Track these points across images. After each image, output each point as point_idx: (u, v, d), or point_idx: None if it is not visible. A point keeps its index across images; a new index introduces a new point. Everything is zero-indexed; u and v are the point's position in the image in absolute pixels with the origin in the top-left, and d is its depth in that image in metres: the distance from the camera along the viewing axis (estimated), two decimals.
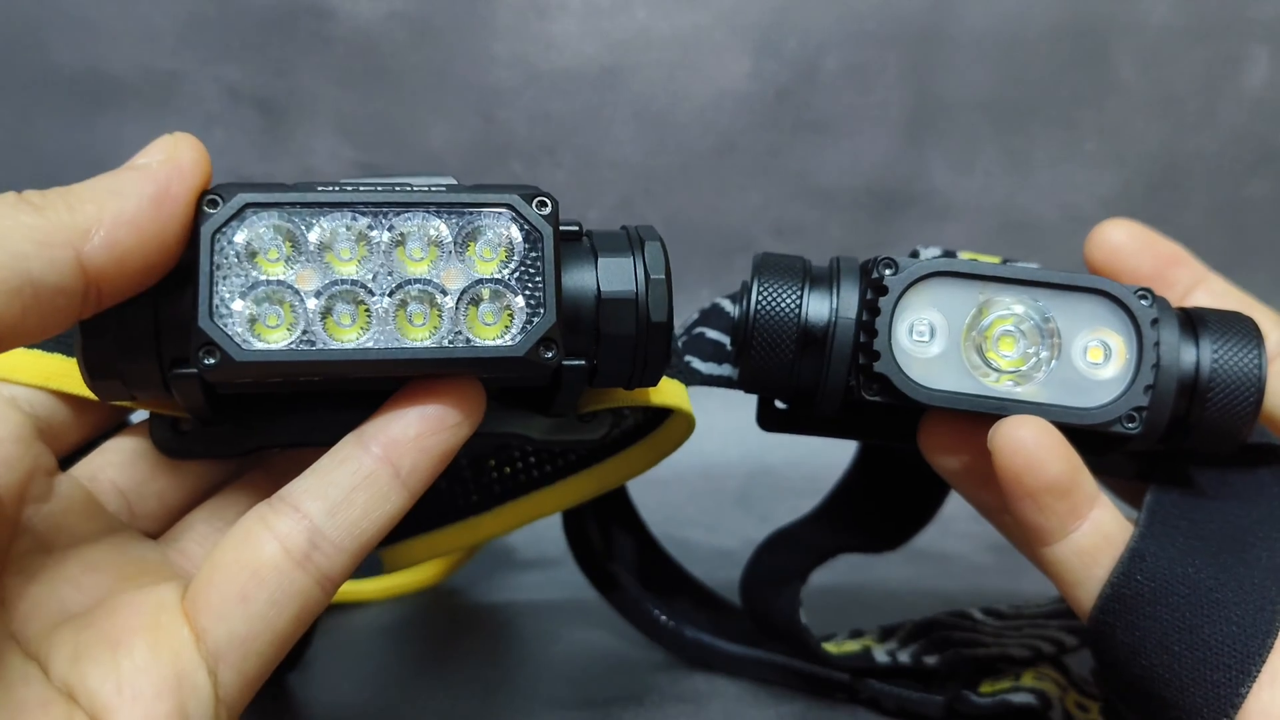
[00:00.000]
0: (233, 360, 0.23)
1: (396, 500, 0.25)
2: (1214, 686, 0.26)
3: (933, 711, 0.38)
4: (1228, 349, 0.29)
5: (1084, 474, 0.27)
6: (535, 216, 0.25)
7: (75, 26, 0.69)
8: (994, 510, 0.30)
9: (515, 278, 0.24)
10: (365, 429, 0.25)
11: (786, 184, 0.75)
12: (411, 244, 0.24)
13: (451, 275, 0.24)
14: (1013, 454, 0.27)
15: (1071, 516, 0.27)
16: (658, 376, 0.28)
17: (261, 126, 0.71)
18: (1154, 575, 0.27)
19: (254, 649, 0.24)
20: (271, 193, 0.24)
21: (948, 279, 0.28)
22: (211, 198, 0.23)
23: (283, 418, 0.27)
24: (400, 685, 0.40)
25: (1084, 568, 0.28)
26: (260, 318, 0.23)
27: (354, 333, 0.24)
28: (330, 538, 0.24)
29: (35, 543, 0.25)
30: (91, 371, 0.24)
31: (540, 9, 0.72)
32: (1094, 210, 0.76)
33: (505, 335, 0.24)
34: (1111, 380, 0.28)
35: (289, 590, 0.24)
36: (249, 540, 0.24)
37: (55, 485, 0.26)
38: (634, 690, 0.40)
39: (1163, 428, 0.29)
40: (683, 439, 0.34)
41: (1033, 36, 0.74)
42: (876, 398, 0.28)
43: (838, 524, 0.41)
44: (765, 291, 0.30)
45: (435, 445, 0.25)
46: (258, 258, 0.23)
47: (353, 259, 0.24)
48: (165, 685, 0.23)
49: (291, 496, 0.25)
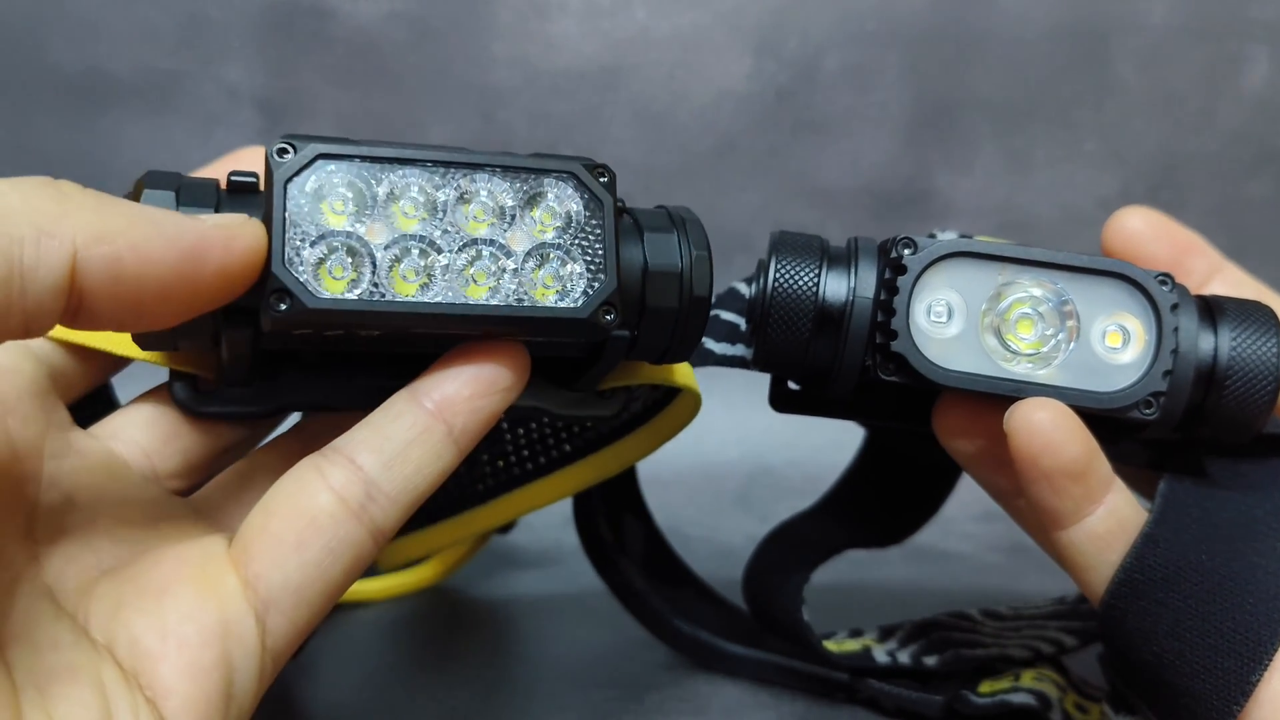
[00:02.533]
0: (304, 306, 0.22)
1: (448, 457, 0.25)
2: (1225, 673, 0.26)
3: (932, 711, 0.38)
4: (1246, 338, 0.29)
5: (1100, 458, 0.27)
6: (597, 186, 0.25)
7: (75, 26, 0.69)
8: (1007, 495, 0.30)
9: (575, 244, 0.25)
10: (419, 385, 0.25)
11: (786, 184, 0.75)
12: (476, 204, 0.24)
13: (514, 237, 0.25)
14: (1029, 436, 0.27)
15: (1087, 500, 0.27)
16: (690, 352, 0.28)
17: (261, 126, 0.71)
18: (1167, 561, 0.27)
19: (306, 597, 0.24)
20: (343, 145, 0.24)
21: (967, 260, 0.28)
22: (283, 146, 0.23)
23: (306, 379, 0.27)
24: (400, 684, 0.40)
25: (1097, 552, 0.28)
26: (329, 267, 0.23)
27: (416, 288, 0.24)
28: (385, 490, 0.24)
29: (62, 498, 0.25)
30: None
31: (540, 9, 0.72)
32: (1094, 210, 0.76)
33: (565, 299, 0.24)
34: (1129, 365, 0.28)
35: (345, 539, 0.24)
36: (305, 489, 0.24)
37: (73, 441, 0.26)
38: (634, 690, 0.40)
39: (1178, 415, 0.29)
40: (687, 421, 0.34)
41: (1033, 36, 0.74)
42: (893, 377, 0.28)
43: (841, 517, 0.41)
44: (783, 269, 0.30)
45: (486, 406, 0.25)
46: (325, 206, 0.23)
47: (418, 215, 0.24)
48: (211, 632, 0.23)
49: (347, 448, 0.24)
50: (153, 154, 0.70)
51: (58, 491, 0.25)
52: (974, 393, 0.28)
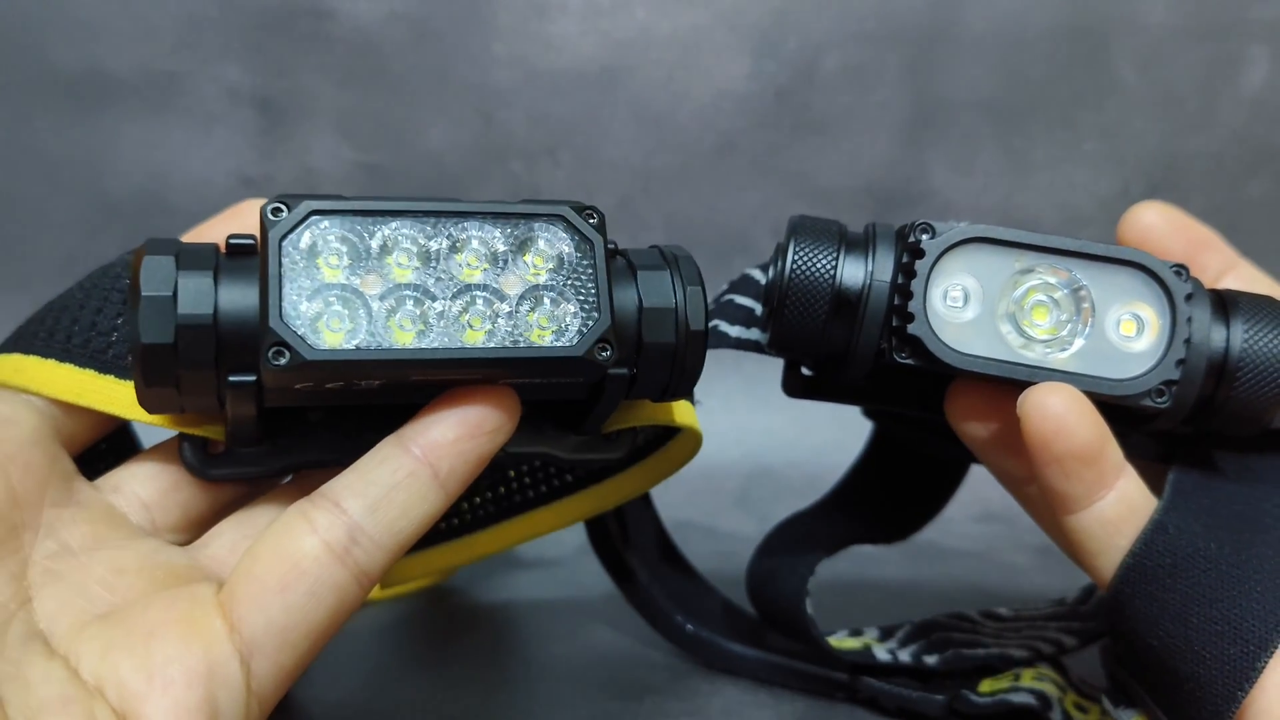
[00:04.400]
0: (303, 358, 0.23)
1: (434, 501, 0.25)
2: (1231, 660, 0.26)
3: (932, 711, 0.38)
4: (1258, 332, 0.29)
5: (1112, 443, 0.27)
6: (586, 227, 0.26)
7: (75, 26, 0.69)
8: (1017, 481, 0.30)
9: (568, 285, 0.25)
10: (405, 431, 0.25)
11: (786, 184, 0.75)
12: (468, 252, 0.25)
13: (508, 282, 0.25)
14: (1042, 420, 0.27)
15: (1098, 485, 0.27)
16: (691, 387, 0.28)
17: (261, 126, 0.71)
18: (1176, 548, 0.27)
19: (290, 640, 0.24)
20: (335, 201, 0.24)
21: (984, 245, 0.28)
22: (276, 205, 0.24)
23: (313, 438, 0.27)
24: (400, 685, 0.40)
25: (1107, 537, 0.28)
26: (326, 320, 0.24)
27: (413, 336, 0.24)
28: (370, 534, 0.24)
29: (59, 546, 0.25)
30: (148, 378, 0.24)
31: (540, 9, 0.72)
32: (1094, 210, 0.76)
33: (561, 339, 0.25)
34: (1143, 353, 0.28)
35: (327, 583, 0.24)
36: (289, 533, 0.24)
37: (75, 491, 0.27)
38: (634, 690, 0.40)
39: (1189, 406, 0.29)
40: (687, 459, 0.35)
41: (1033, 36, 0.74)
42: (908, 361, 0.28)
43: (847, 512, 0.41)
44: (801, 253, 0.30)
45: (473, 449, 0.25)
46: (320, 262, 0.24)
47: (411, 265, 0.25)
48: (196, 674, 0.23)
49: (332, 493, 0.25)
50: (153, 154, 0.70)
51: (55, 539, 0.25)
52: (988, 377, 0.28)
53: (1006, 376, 0.28)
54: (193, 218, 0.31)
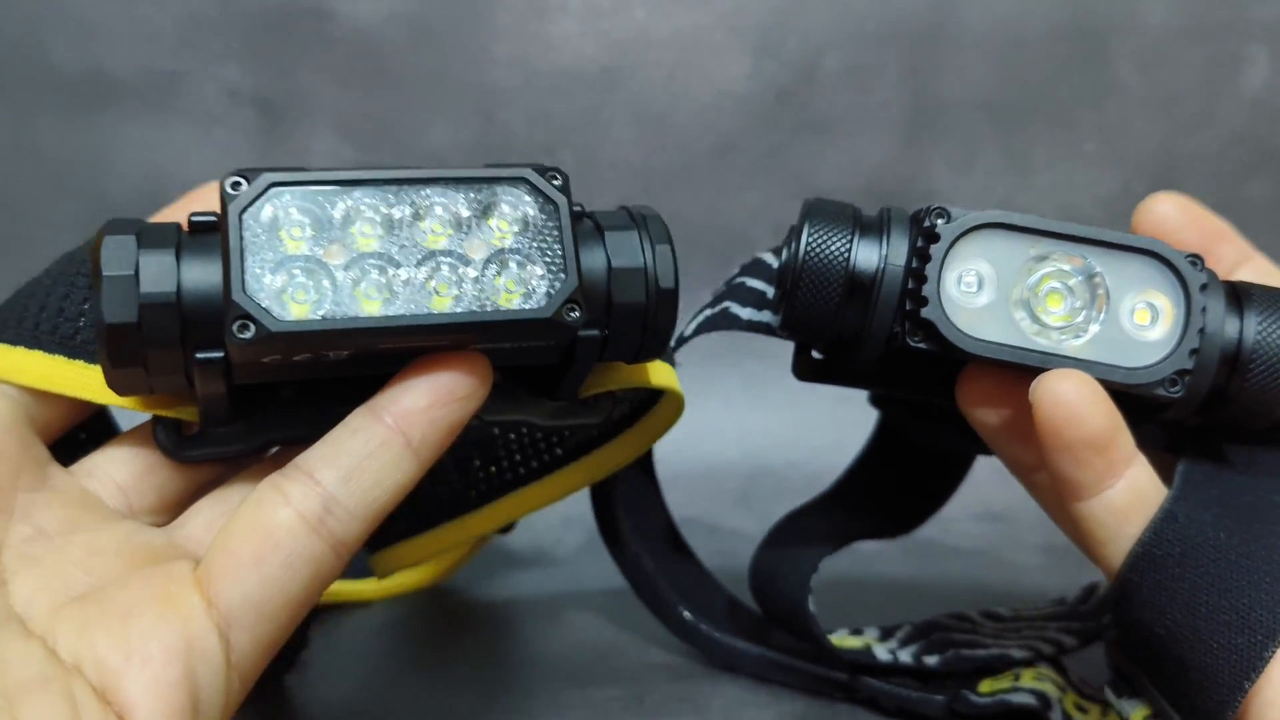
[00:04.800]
0: (268, 330, 0.23)
1: (408, 469, 0.25)
2: (1238, 649, 0.26)
3: (932, 711, 0.38)
4: (1272, 324, 0.29)
5: (1124, 431, 0.27)
6: (549, 188, 0.26)
7: (75, 26, 0.69)
8: (1027, 468, 0.30)
9: (534, 247, 0.25)
10: (377, 400, 0.25)
11: (786, 184, 0.75)
12: (431, 218, 0.25)
13: (473, 246, 0.25)
14: (1054, 406, 0.27)
15: (1109, 472, 0.27)
16: (664, 347, 0.28)
17: (261, 126, 0.71)
18: (1185, 537, 0.27)
19: (267, 612, 0.24)
20: (295, 172, 0.24)
21: (999, 231, 0.28)
22: (235, 179, 0.24)
23: (286, 415, 0.27)
24: (399, 685, 0.40)
25: (1116, 525, 0.28)
26: (290, 291, 0.23)
27: (379, 304, 0.24)
28: (344, 504, 0.25)
29: (34, 530, 0.25)
30: (114, 359, 0.24)
31: (540, 9, 0.72)
32: (1094, 210, 0.76)
33: (528, 301, 0.25)
34: (1157, 342, 0.28)
35: (303, 554, 0.24)
36: (263, 506, 0.24)
37: (50, 477, 0.27)
38: (634, 690, 0.40)
39: (1201, 396, 0.29)
40: (672, 421, 0.35)
41: (1033, 36, 0.74)
42: (921, 345, 0.28)
43: (850, 506, 0.41)
44: (815, 235, 0.30)
45: (445, 416, 0.25)
46: (283, 234, 0.24)
47: (375, 234, 0.24)
48: (175, 649, 0.23)
49: (305, 464, 0.25)
50: (153, 154, 0.70)
51: (29, 524, 0.25)
52: (1000, 363, 0.28)
53: (1019, 363, 0.28)
54: None
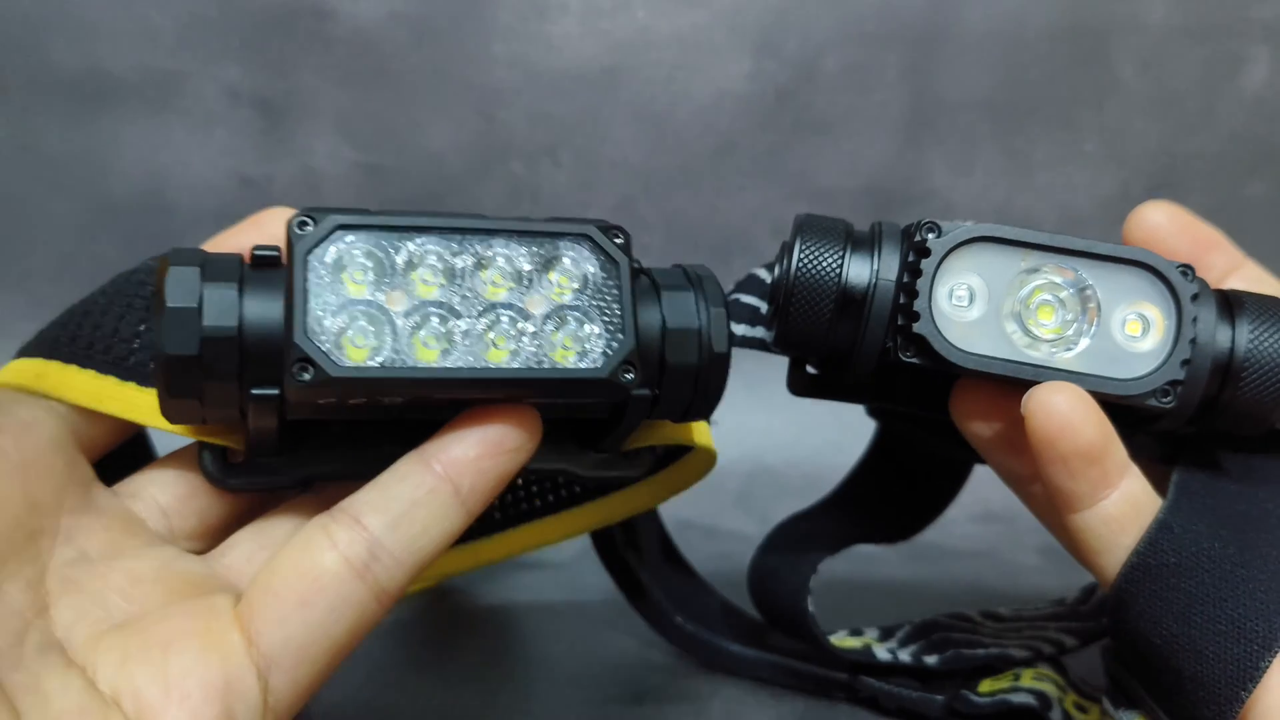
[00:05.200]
0: (327, 375, 0.23)
1: (455, 518, 0.25)
2: (1234, 660, 0.26)
3: (932, 711, 0.38)
4: (1264, 332, 0.29)
5: (1116, 442, 0.27)
6: (612, 247, 0.26)
7: (75, 26, 0.69)
8: (1021, 480, 0.30)
9: (592, 305, 0.25)
10: (427, 448, 0.25)
11: (786, 184, 0.75)
12: (493, 269, 0.25)
13: (533, 301, 0.25)
14: (1047, 418, 0.27)
15: (1102, 484, 0.27)
16: (712, 408, 0.28)
17: (261, 127, 0.71)
18: (1180, 547, 0.27)
19: (309, 656, 0.24)
20: (361, 215, 0.24)
21: (990, 245, 0.28)
22: (303, 219, 0.24)
23: (333, 450, 0.27)
24: (400, 685, 0.40)
25: (1111, 535, 0.28)
26: (351, 336, 0.23)
27: (437, 354, 0.24)
28: (390, 550, 0.24)
29: (77, 553, 0.25)
30: (171, 389, 0.24)
31: (540, 9, 0.72)
32: (1094, 211, 0.76)
33: (585, 360, 0.25)
34: (1148, 353, 0.28)
35: (348, 600, 0.24)
36: (310, 548, 0.24)
37: (94, 497, 0.26)
38: (634, 690, 0.40)
39: (1194, 406, 0.29)
40: (699, 476, 0.35)
41: (1033, 36, 0.74)
42: (913, 359, 0.28)
43: (850, 512, 0.41)
44: (807, 251, 0.30)
45: (494, 468, 0.25)
46: (345, 277, 0.24)
47: (436, 282, 0.24)
48: (213, 688, 0.23)
49: (353, 508, 0.25)
50: (153, 154, 0.70)
51: (73, 546, 0.25)
52: (993, 376, 0.28)
53: (1012, 376, 0.28)
54: (193, 218, 0.31)
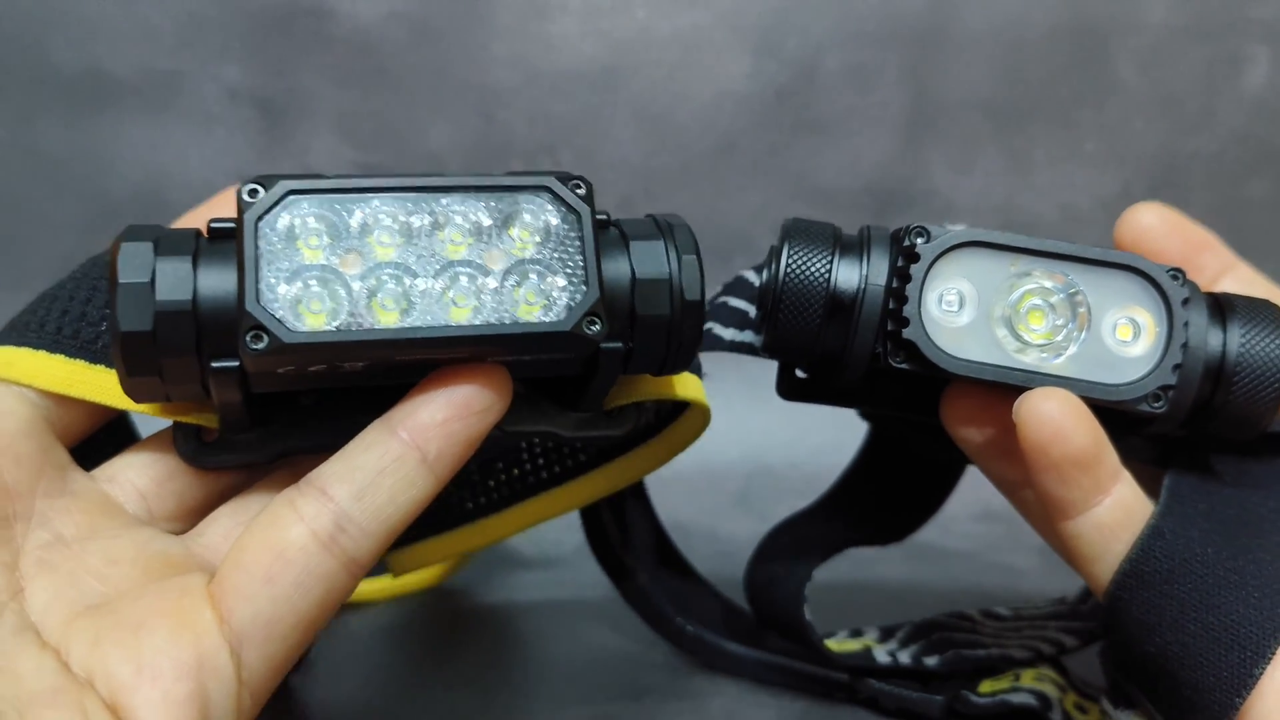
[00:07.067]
0: (281, 341, 0.22)
1: (423, 485, 0.25)
2: (1228, 666, 0.26)
3: (932, 711, 0.38)
4: (1255, 335, 0.29)
5: (1108, 448, 0.27)
6: (572, 198, 0.25)
7: (75, 26, 0.69)
8: (1013, 486, 0.30)
9: (555, 258, 0.25)
10: (392, 414, 0.25)
11: (786, 184, 0.75)
12: (450, 228, 0.24)
13: (493, 257, 0.24)
14: (1038, 425, 0.27)
15: (1094, 490, 0.27)
16: (690, 359, 0.28)
17: (261, 127, 0.71)
18: (1173, 553, 0.27)
19: (278, 631, 0.24)
20: (313, 180, 0.24)
21: (980, 249, 0.28)
22: (253, 186, 0.23)
23: (306, 423, 0.27)
24: (400, 685, 0.40)
25: (1103, 542, 0.28)
26: (305, 301, 0.23)
27: (396, 315, 0.24)
28: (357, 521, 0.24)
29: (53, 536, 0.25)
30: (130, 367, 0.24)
31: (540, 9, 0.72)
32: (1094, 210, 0.76)
33: (548, 313, 0.24)
34: (1139, 358, 0.28)
35: (315, 572, 0.24)
36: (276, 523, 0.24)
37: (69, 481, 0.26)
38: (634, 690, 0.40)
39: (1186, 410, 0.29)
40: (697, 434, 0.34)
41: (1033, 36, 0.74)
42: (903, 365, 0.28)
43: (843, 514, 0.41)
44: (795, 256, 0.30)
45: (462, 430, 0.25)
46: (300, 243, 0.23)
47: (393, 243, 0.24)
48: (185, 666, 0.23)
49: (319, 480, 0.25)
50: (153, 154, 0.70)
51: (48, 530, 0.25)
52: (983, 382, 0.28)
53: (1002, 381, 0.28)
54: None
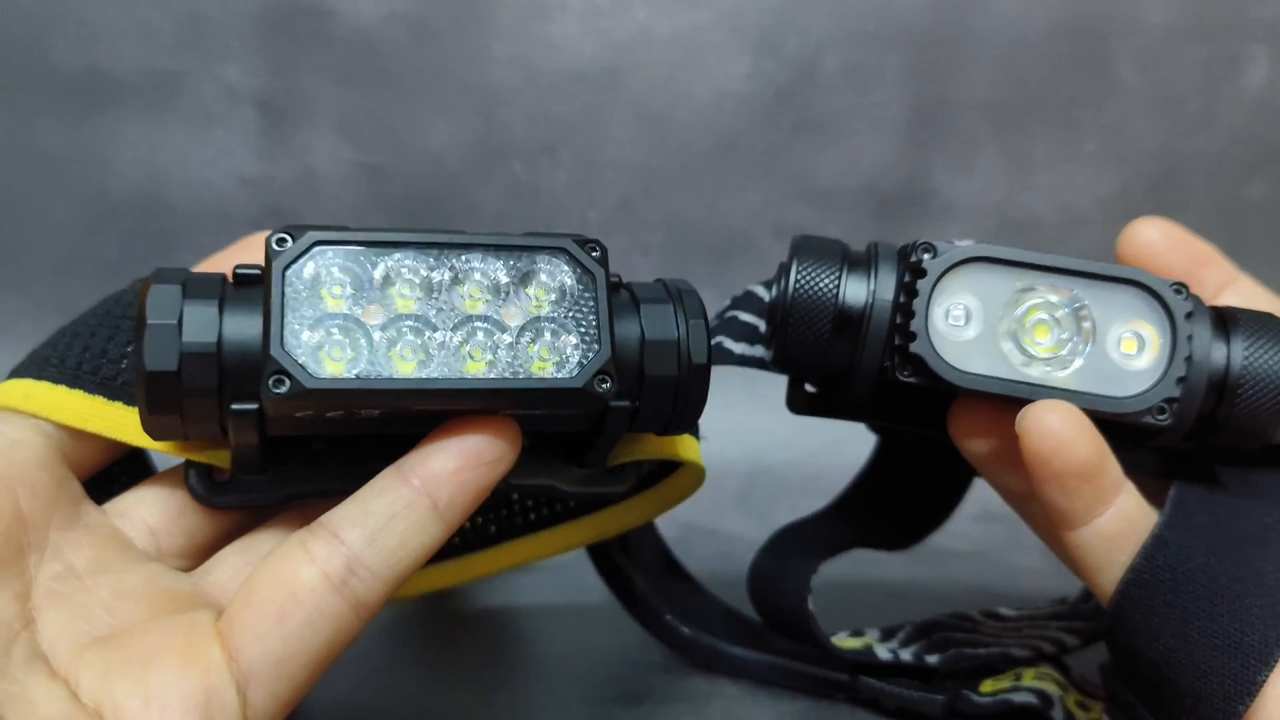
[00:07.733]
0: (303, 387, 0.23)
1: (434, 531, 0.25)
2: (1231, 675, 0.26)
3: (933, 711, 0.38)
4: (1258, 348, 0.29)
5: (1111, 460, 0.27)
6: (588, 260, 0.26)
7: (75, 26, 0.69)
8: (1019, 497, 0.30)
9: (569, 317, 0.25)
10: (405, 461, 0.25)
11: (786, 184, 0.75)
12: (470, 283, 0.25)
13: (509, 313, 0.25)
14: (1041, 437, 0.27)
15: (1098, 501, 0.27)
16: (694, 420, 0.28)
17: (261, 127, 0.71)
18: (1176, 563, 0.27)
19: (287, 670, 0.24)
20: (339, 232, 0.25)
21: (985, 265, 0.28)
22: (281, 235, 0.24)
23: (317, 467, 0.28)
24: (400, 685, 0.40)
25: (1107, 553, 0.28)
26: (327, 349, 0.24)
27: (414, 366, 0.24)
28: (368, 564, 0.25)
29: (65, 567, 0.25)
30: (152, 405, 0.24)
31: (540, 9, 0.72)
32: (1094, 210, 0.76)
33: (561, 370, 0.25)
34: (1144, 371, 0.28)
35: (325, 614, 0.24)
36: (288, 563, 0.24)
37: (82, 514, 0.27)
38: (634, 690, 0.40)
39: (1190, 423, 0.29)
40: (688, 493, 0.35)
41: (1033, 36, 0.74)
42: (911, 379, 0.28)
43: (852, 520, 0.41)
44: (804, 272, 0.30)
45: (472, 480, 0.25)
46: (324, 292, 0.24)
47: (414, 296, 0.25)
48: (193, 700, 0.23)
49: (331, 523, 0.25)
50: (153, 154, 0.70)
51: (60, 561, 0.26)
52: (989, 395, 0.28)
53: (1008, 394, 0.28)
54: (192, 218, 0.31)
